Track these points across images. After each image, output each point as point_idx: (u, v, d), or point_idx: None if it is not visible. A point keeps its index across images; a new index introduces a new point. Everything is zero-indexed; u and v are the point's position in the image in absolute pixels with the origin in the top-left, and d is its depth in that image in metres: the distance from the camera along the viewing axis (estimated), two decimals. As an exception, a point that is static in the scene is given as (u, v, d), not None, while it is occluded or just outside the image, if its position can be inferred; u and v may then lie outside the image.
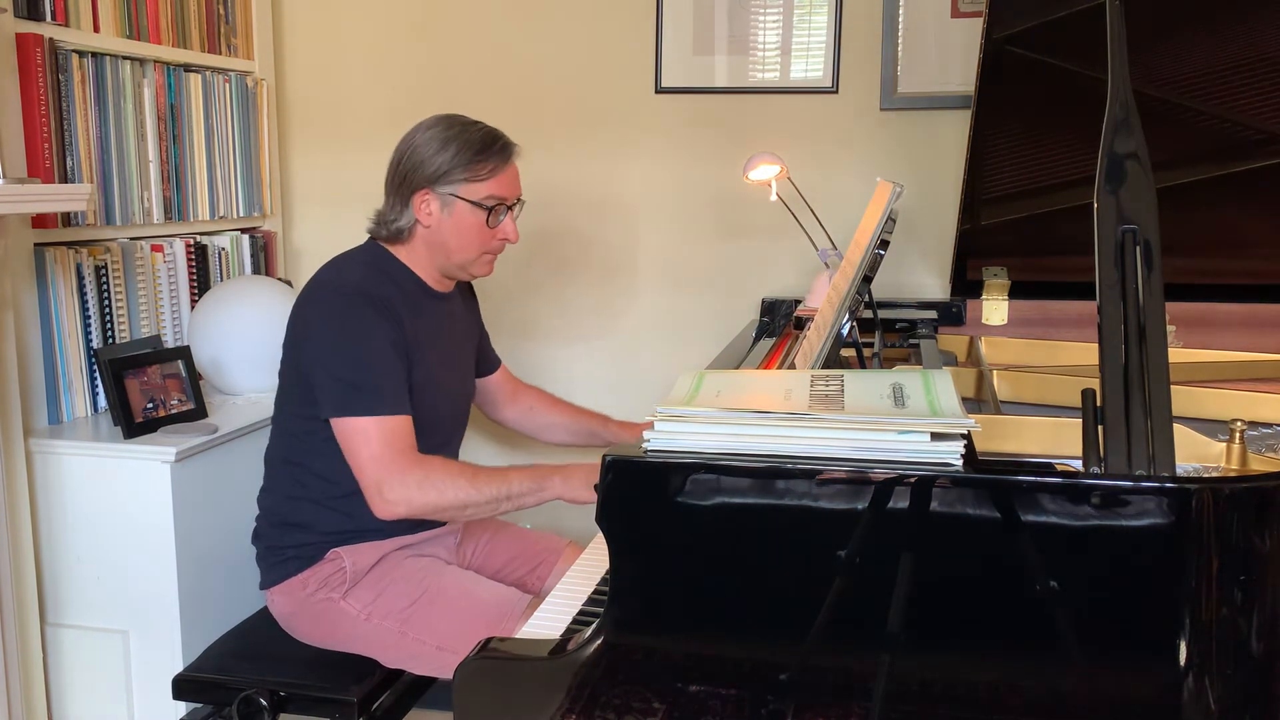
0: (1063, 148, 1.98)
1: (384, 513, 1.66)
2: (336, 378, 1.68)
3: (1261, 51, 1.78)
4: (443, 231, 1.78)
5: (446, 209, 1.77)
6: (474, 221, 1.78)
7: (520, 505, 1.69)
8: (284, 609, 1.83)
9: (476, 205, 1.77)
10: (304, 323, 1.76)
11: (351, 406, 1.67)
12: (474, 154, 1.75)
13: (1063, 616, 1.06)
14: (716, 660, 1.13)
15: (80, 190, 1.89)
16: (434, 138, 1.77)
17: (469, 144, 1.76)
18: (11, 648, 1.88)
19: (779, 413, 1.13)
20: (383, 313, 1.71)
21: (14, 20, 1.96)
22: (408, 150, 1.78)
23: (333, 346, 1.70)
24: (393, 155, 1.81)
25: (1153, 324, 1.12)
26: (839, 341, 1.55)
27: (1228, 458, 1.41)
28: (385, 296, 1.73)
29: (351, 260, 1.83)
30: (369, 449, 1.66)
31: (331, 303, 1.73)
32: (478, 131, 1.78)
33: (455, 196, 1.76)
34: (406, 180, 1.77)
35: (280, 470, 1.85)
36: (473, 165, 1.75)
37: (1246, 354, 1.99)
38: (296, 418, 1.79)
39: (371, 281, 1.75)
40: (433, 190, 1.76)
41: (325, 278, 1.79)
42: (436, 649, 1.72)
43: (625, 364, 2.76)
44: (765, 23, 2.55)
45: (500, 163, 1.78)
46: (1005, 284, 2.25)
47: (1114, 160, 1.19)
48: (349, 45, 2.79)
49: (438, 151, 1.75)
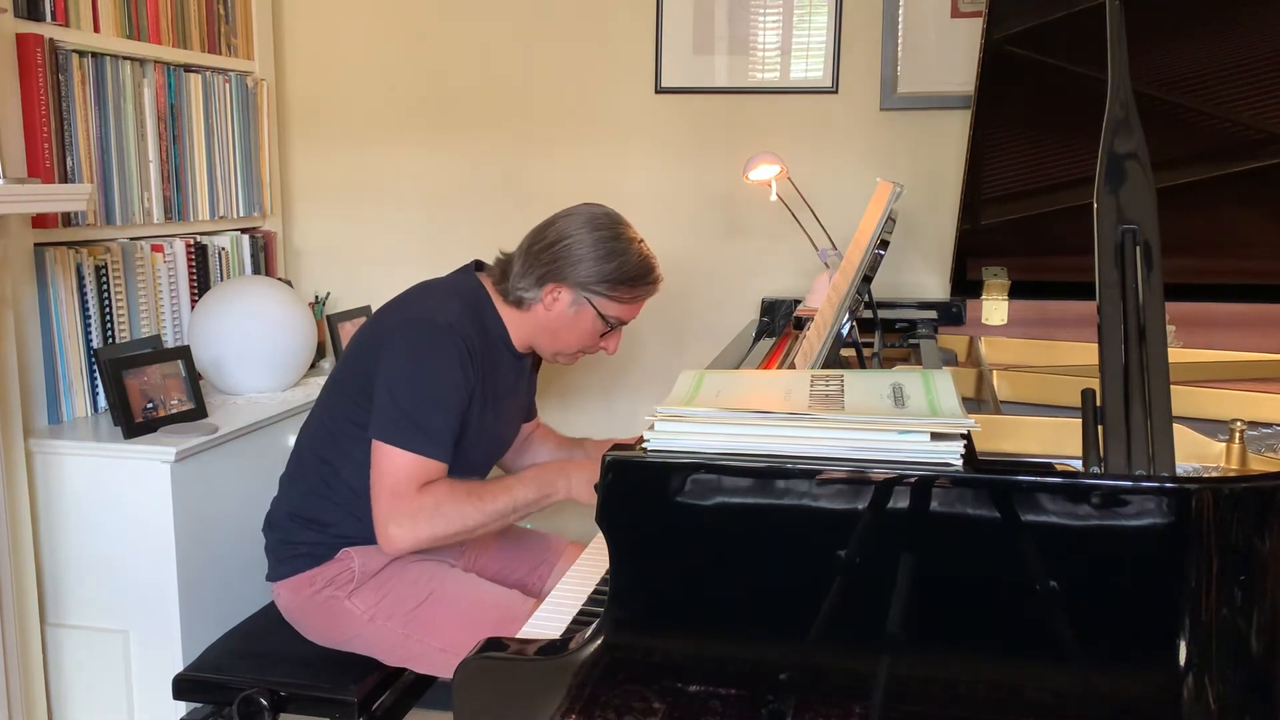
0: (1063, 148, 1.98)
1: (387, 547, 1.66)
2: (396, 403, 1.67)
3: (1261, 51, 1.78)
4: (560, 323, 1.79)
5: (575, 308, 1.77)
6: (592, 329, 1.79)
7: (529, 512, 1.70)
8: (289, 603, 1.83)
9: (602, 318, 1.78)
10: (388, 339, 1.73)
11: (399, 436, 1.66)
12: (632, 280, 1.76)
13: (1063, 616, 1.06)
14: (716, 660, 1.14)
15: (80, 190, 1.89)
16: (600, 243, 1.75)
17: (629, 267, 1.75)
18: (11, 648, 1.88)
19: (779, 413, 1.13)
20: (465, 356, 1.70)
21: (14, 20, 1.96)
22: (568, 240, 1.76)
23: (404, 372, 1.68)
24: (547, 231, 1.78)
25: (1153, 324, 1.13)
26: (839, 341, 1.55)
27: (1228, 458, 1.41)
28: (473, 341, 1.73)
29: (453, 292, 1.81)
30: (393, 480, 1.65)
31: (421, 330, 1.71)
32: (640, 256, 1.78)
33: (590, 303, 1.77)
34: (553, 267, 1.75)
35: (311, 464, 1.84)
36: (623, 287, 1.76)
37: (1246, 354, 1.99)
38: (344, 420, 1.78)
39: (466, 324, 1.74)
40: (572, 289, 1.76)
41: (422, 302, 1.78)
42: (439, 650, 1.73)
43: (625, 364, 2.76)
44: (765, 23, 2.55)
45: (644, 294, 1.80)
46: (1005, 284, 2.25)
47: (1114, 160, 1.19)
48: (349, 45, 2.79)
49: (599, 260, 1.74)
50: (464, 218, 2.78)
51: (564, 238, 1.76)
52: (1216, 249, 2.07)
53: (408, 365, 1.69)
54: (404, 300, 1.82)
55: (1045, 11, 1.81)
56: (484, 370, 1.76)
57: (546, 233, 1.78)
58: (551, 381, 2.79)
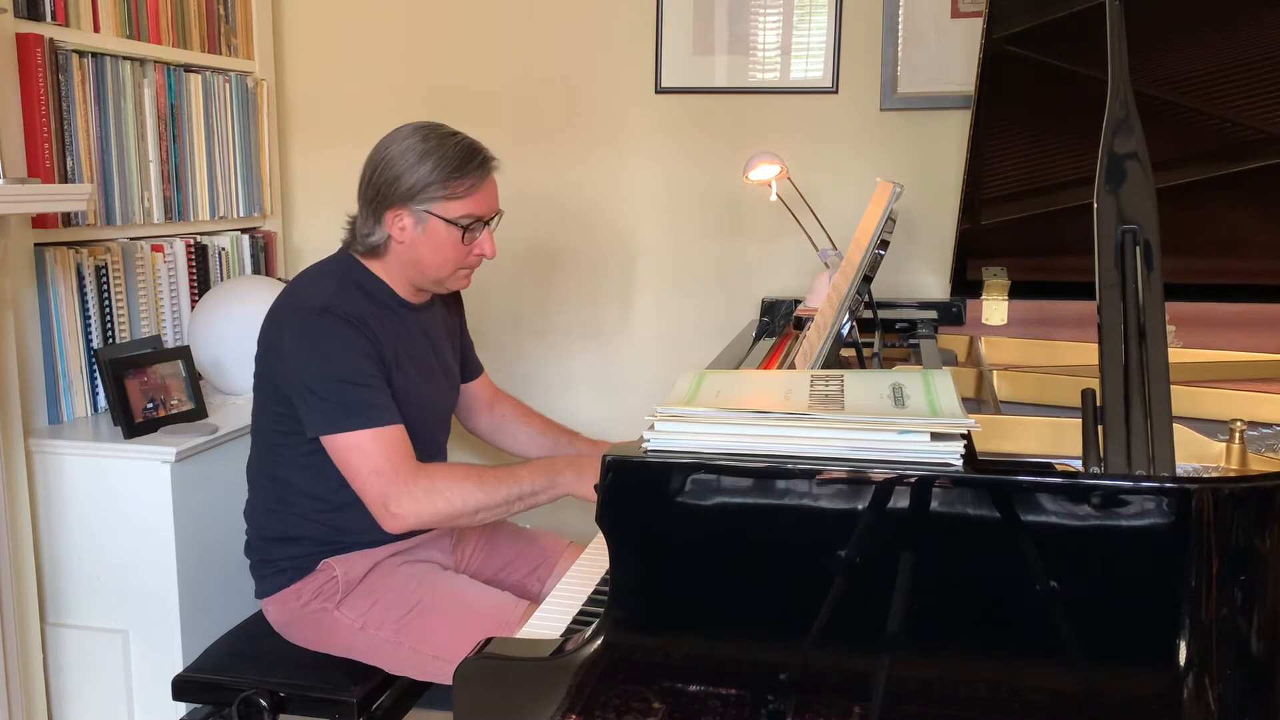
0: (1063, 148, 1.98)
1: (393, 527, 1.63)
2: (322, 398, 1.64)
3: (1261, 51, 1.78)
4: (417, 248, 1.73)
5: (420, 226, 1.71)
6: (449, 239, 1.72)
7: (534, 504, 1.66)
8: (279, 619, 1.82)
9: (452, 224, 1.71)
10: (278, 341, 1.70)
11: (343, 423, 1.63)
12: (452, 170, 1.69)
13: (1063, 616, 1.06)
14: (716, 660, 1.13)
15: (80, 190, 1.89)
16: (410, 150, 1.69)
17: (446, 159, 1.69)
18: (11, 648, 1.88)
19: (779, 413, 1.13)
20: (356, 329, 1.66)
21: (14, 20, 1.96)
22: (381, 163, 1.71)
23: (311, 367, 1.65)
24: (365, 166, 1.74)
25: (1153, 324, 1.12)
26: (839, 341, 1.55)
27: (1228, 458, 1.41)
28: (357, 312, 1.68)
29: (322, 274, 1.77)
30: (369, 463, 1.62)
31: (303, 321, 1.67)
32: (455, 145, 1.70)
33: (430, 214, 1.70)
34: (380, 195, 1.71)
35: (263, 485, 1.82)
36: (450, 182, 1.69)
37: (1246, 354, 1.98)
38: (275, 433, 1.75)
39: (342, 298, 1.69)
40: (407, 207, 1.70)
41: (295, 294, 1.74)
42: (433, 658, 1.71)
43: (625, 364, 2.76)
44: (765, 23, 2.55)
45: (479, 180, 1.72)
46: (1005, 284, 2.25)
47: (1114, 160, 1.19)
48: (349, 45, 2.79)
49: (413, 166, 1.68)
50: (464, 218, 2.78)
51: (378, 162, 1.71)
52: (1216, 249, 2.07)
53: (310, 358, 1.65)
54: (280, 299, 1.76)
55: (1045, 11, 1.81)
56: (382, 333, 1.71)
57: (364, 169, 1.74)
58: (549, 379, 2.79)
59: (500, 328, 2.80)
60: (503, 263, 2.78)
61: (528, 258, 2.76)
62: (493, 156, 1.75)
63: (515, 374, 2.79)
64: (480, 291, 2.80)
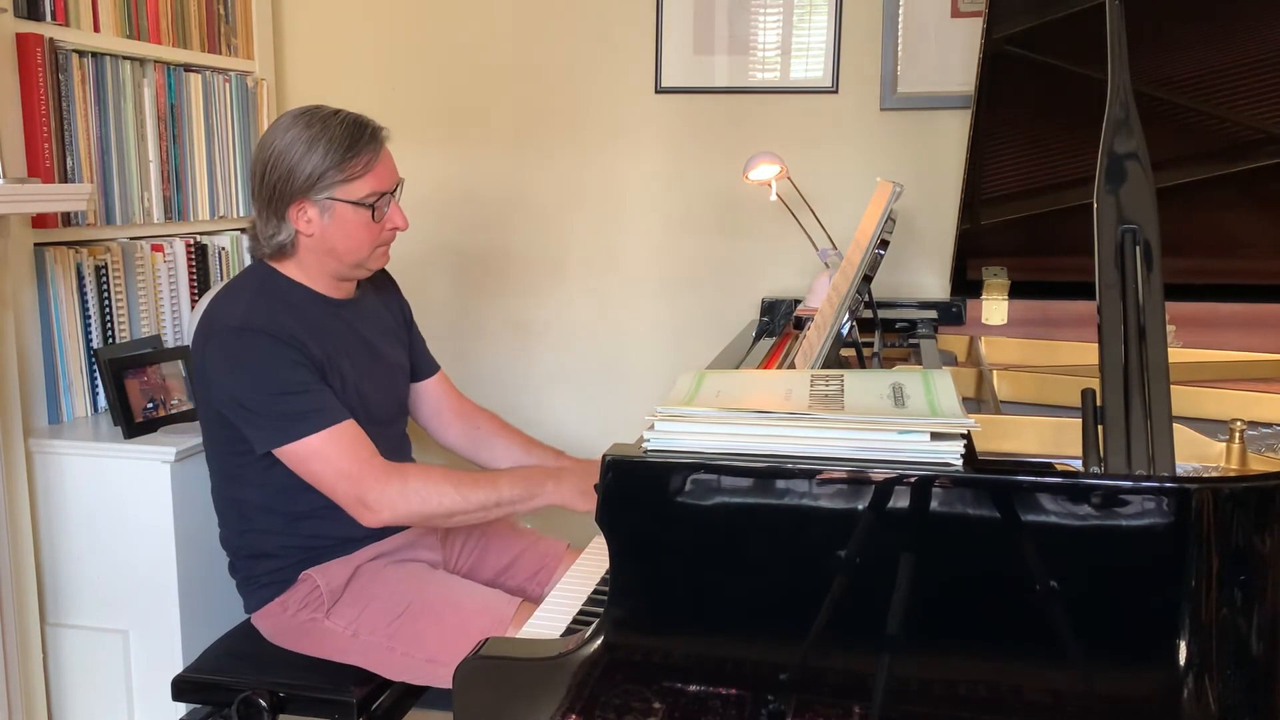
0: (1063, 148, 1.98)
1: (370, 521, 1.61)
2: (261, 414, 1.60)
3: (1261, 51, 1.78)
4: (328, 238, 1.68)
5: (327, 215, 1.66)
6: (359, 221, 1.67)
7: (513, 511, 1.65)
8: (272, 631, 1.81)
9: (359, 205, 1.66)
10: (203, 365, 1.67)
11: (290, 433, 1.59)
12: (344, 152, 1.63)
13: (1063, 616, 1.06)
14: (716, 660, 1.13)
15: (80, 190, 1.89)
16: (296, 141, 1.63)
17: (335, 141, 1.63)
18: (11, 648, 1.88)
19: (779, 413, 1.13)
20: (278, 341, 1.62)
21: (14, 20, 1.96)
22: (271, 159, 1.64)
23: (243, 386, 1.61)
24: (254, 166, 1.68)
25: (1153, 324, 1.13)
26: (839, 341, 1.55)
27: (1228, 458, 1.41)
28: (276, 324, 1.63)
29: (237, 290, 1.72)
30: (332, 467, 1.59)
31: (225, 341, 1.63)
32: (341, 124, 1.65)
33: (334, 200, 1.65)
34: (277, 193, 1.65)
35: (227, 509, 1.81)
36: (345, 164, 1.64)
37: (1246, 354, 1.98)
38: (227, 455, 1.73)
39: (260, 312, 1.64)
40: (308, 199, 1.64)
41: (213, 315, 1.68)
42: (427, 661, 1.69)
43: (625, 364, 2.76)
44: (765, 23, 2.55)
45: (373, 154, 1.67)
46: (1005, 284, 2.25)
47: (1114, 160, 1.19)
48: (349, 45, 2.79)
49: (304, 156, 1.62)
50: (464, 217, 2.78)
51: (266, 160, 1.65)
52: (1216, 249, 2.07)
53: (241, 376, 1.61)
54: (201, 321, 1.71)
55: (1045, 11, 1.81)
56: (308, 338, 1.66)
57: (253, 169, 1.69)
58: (549, 380, 2.79)
59: (500, 328, 2.80)
60: (502, 263, 2.78)
61: (527, 258, 2.76)
62: (381, 127, 1.70)
63: (514, 374, 2.79)
64: (479, 292, 2.80)
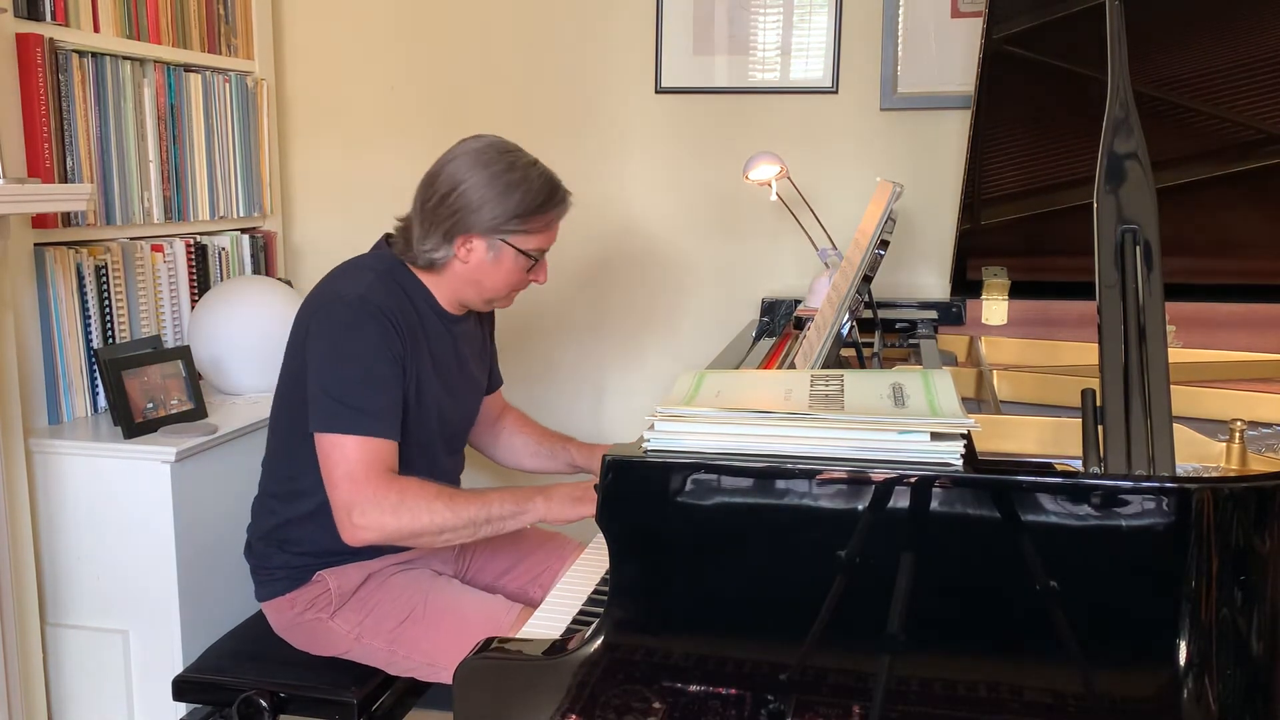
0: (1062, 148, 1.98)
1: (351, 538, 1.59)
2: (326, 391, 1.60)
3: (1261, 51, 1.78)
4: (480, 272, 1.71)
5: (493, 253, 1.68)
6: (516, 267, 1.71)
7: (501, 529, 1.62)
8: (277, 623, 1.82)
9: (525, 254, 1.70)
10: (305, 330, 1.67)
11: (336, 423, 1.59)
12: (537, 207, 1.66)
13: (1063, 616, 1.06)
14: (716, 660, 1.14)
15: (80, 190, 1.89)
16: (494, 181, 1.64)
17: (532, 195, 1.66)
18: (11, 648, 1.88)
19: (779, 413, 1.13)
20: (385, 326, 1.63)
21: (14, 20, 1.96)
22: (459, 189, 1.65)
23: (327, 358, 1.62)
24: (433, 184, 1.68)
25: (1153, 324, 1.13)
26: (839, 341, 1.55)
27: (1228, 458, 1.41)
28: (391, 308, 1.65)
29: (362, 267, 1.73)
30: (345, 467, 1.59)
31: (332, 311, 1.64)
32: (540, 178, 1.67)
33: (505, 243, 1.68)
34: (455, 220, 1.66)
35: (275, 481, 1.80)
36: (533, 218, 1.67)
37: (1246, 354, 1.99)
38: (293, 425, 1.72)
39: (380, 291, 1.65)
40: (483, 236, 1.67)
41: (332, 283, 1.71)
42: (428, 665, 1.71)
43: (625, 364, 2.76)
44: (765, 23, 2.55)
45: (557, 217, 1.72)
46: (1005, 284, 2.25)
47: (1114, 160, 1.19)
48: (349, 45, 2.79)
49: (497, 198, 1.64)
50: (464, 218, 2.78)
51: (456, 185, 1.65)
52: (1216, 249, 2.07)
53: (329, 349, 1.62)
54: (314, 290, 1.72)
55: (1045, 11, 1.81)
56: (413, 338, 1.68)
57: (436, 184, 1.68)
58: (549, 380, 2.79)
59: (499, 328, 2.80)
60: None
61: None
62: (569, 192, 1.73)
63: (513, 374, 2.79)
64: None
